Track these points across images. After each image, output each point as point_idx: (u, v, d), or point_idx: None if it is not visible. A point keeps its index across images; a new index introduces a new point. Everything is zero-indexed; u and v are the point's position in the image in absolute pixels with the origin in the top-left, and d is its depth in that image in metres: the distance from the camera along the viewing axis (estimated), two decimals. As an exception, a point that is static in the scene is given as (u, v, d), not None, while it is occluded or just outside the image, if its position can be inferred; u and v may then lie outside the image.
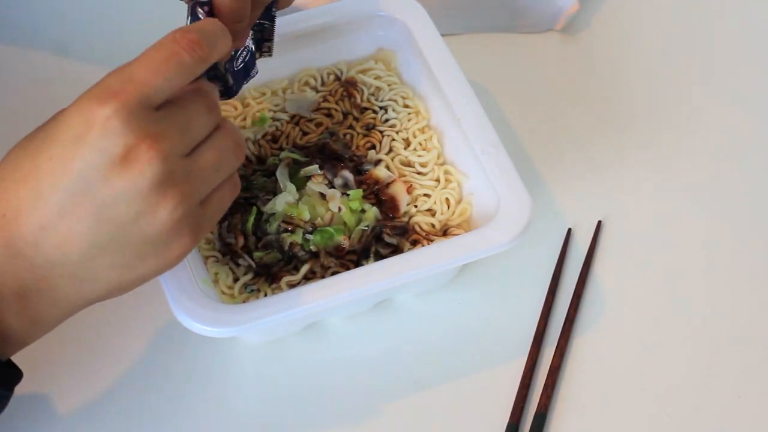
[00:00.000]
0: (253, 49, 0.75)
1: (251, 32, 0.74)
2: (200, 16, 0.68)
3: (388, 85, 0.86)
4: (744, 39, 0.98)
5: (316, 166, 0.81)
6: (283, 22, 0.85)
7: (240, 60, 0.74)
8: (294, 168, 0.81)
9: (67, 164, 0.61)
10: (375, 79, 0.87)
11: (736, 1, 1.00)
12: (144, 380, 0.79)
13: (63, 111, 0.62)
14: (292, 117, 0.85)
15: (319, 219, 0.79)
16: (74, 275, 0.63)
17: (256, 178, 0.81)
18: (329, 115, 0.86)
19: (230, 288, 0.77)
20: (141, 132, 0.60)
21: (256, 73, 0.76)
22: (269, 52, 0.76)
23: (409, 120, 0.85)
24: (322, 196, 0.80)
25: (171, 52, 0.62)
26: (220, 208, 0.66)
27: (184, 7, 0.83)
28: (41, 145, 0.62)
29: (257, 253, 0.78)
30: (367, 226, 0.79)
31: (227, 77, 0.71)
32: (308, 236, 0.79)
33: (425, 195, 0.82)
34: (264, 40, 0.76)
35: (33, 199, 0.61)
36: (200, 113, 0.64)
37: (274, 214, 0.79)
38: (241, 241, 0.78)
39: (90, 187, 0.61)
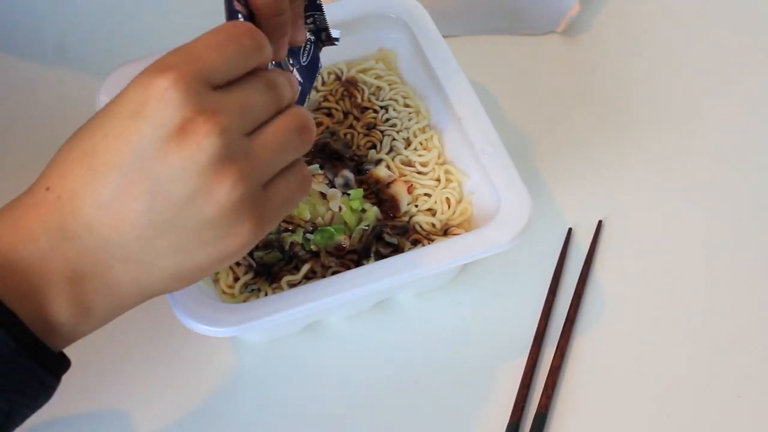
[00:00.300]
0: (314, 39, 0.75)
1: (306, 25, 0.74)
2: (238, 9, 0.68)
3: (389, 85, 0.87)
4: (744, 40, 0.99)
5: (317, 165, 0.81)
6: (283, 22, 0.85)
7: (305, 56, 0.74)
8: (294, 167, 0.81)
9: (123, 140, 0.58)
10: (375, 78, 0.87)
11: (736, 2, 1.01)
12: (144, 379, 0.79)
13: (122, 90, 0.60)
14: (293, 117, 0.85)
15: (319, 218, 0.79)
16: (129, 258, 0.60)
17: (257, 177, 0.81)
18: (330, 115, 0.86)
19: (231, 287, 0.77)
20: (199, 105, 0.58)
21: (321, 65, 0.75)
22: (330, 40, 0.75)
23: (409, 119, 0.85)
24: (323, 195, 0.80)
25: (231, 35, 0.60)
26: (287, 199, 0.63)
27: (184, 8, 0.84)
28: (98, 124, 0.60)
29: (258, 253, 0.78)
30: (368, 225, 0.79)
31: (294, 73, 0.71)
32: (309, 236, 0.79)
33: (426, 194, 0.82)
34: (321, 30, 0.75)
35: (89, 178, 0.59)
36: (260, 93, 0.61)
37: (274, 213, 0.79)
38: (241, 240, 0.78)
39: (146, 162, 0.58)
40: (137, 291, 0.61)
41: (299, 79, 0.72)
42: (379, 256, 0.78)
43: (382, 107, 0.86)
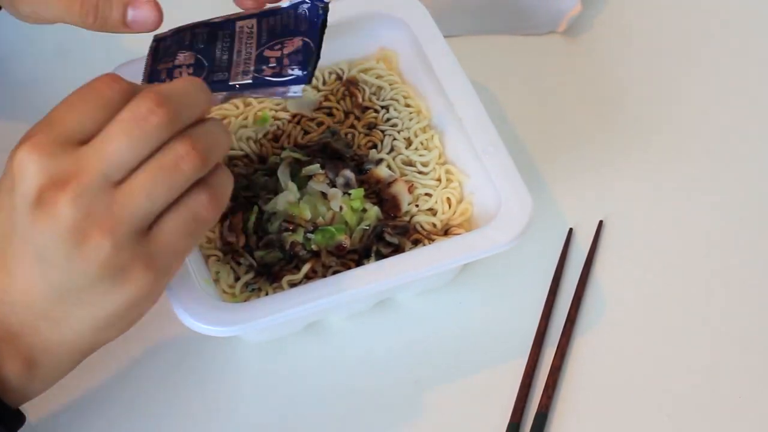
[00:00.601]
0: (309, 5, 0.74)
1: None
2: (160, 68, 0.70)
3: (390, 85, 0.86)
4: (745, 40, 0.99)
5: (318, 165, 0.81)
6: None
7: (304, 25, 0.73)
8: (295, 167, 0.81)
9: (5, 213, 0.62)
10: (376, 78, 0.87)
11: (737, 2, 1.00)
12: (145, 379, 0.79)
13: None
14: (294, 116, 0.85)
15: (320, 218, 0.79)
16: (48, 317, 0.63)
17: (258, 177, 0.81)
18: (330, 114, 0.86)
19: (231, 287, 0.77)
20: (53, 171, 0.60)
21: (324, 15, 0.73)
22: None
23: (410, 119, 0.85)
24: (324, 195, 0.80)
25: (90, 88, 0.62)
26: (180, 235, 0.63)
27: (185, 8, 0.84)
28: None
29: (258, 253, 0.78)
30: (369, 225, 0.79)
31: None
32: (309, 235, 0.78)
33: (426, 194, 0.82)
34: None
35: None
36: (127, 136, 0.61)
37: (275, 213, 0.79)
38: (242, 240, 0.78)
39: (24, 232, 0.61)
40: (69, 347, 0.64)
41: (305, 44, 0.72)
42: (380, 256, 0.78)
43: (383, 107, 0.86)
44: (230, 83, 0.71)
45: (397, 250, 0.79)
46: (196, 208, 0.64)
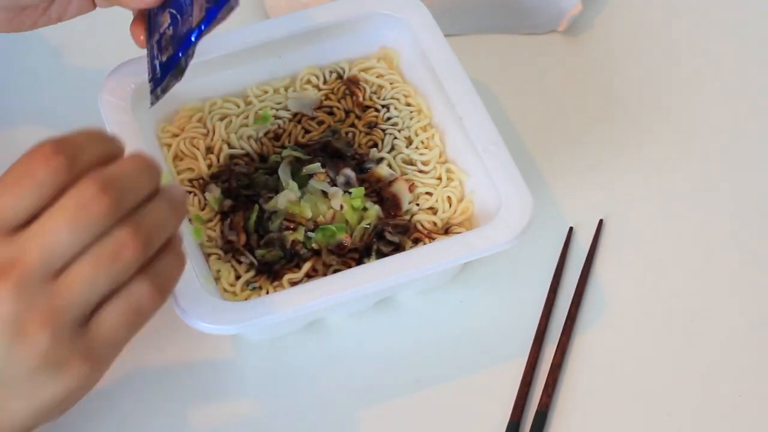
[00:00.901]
0: None
1: None
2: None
3: (390, 84, 0.87)
4: (746, 40, 0.99)
5: (318, 164, 0.81)
6: (285, 21, 0.85)
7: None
8: (296, 166, 0.81)
9: None
10: (377, 77, 0.87)
11: (738, 2, 1.01)
12: (145, 377, 0.79)
13: None
14: (294, 115, 0.85)
15: (321, 217, 0.79)
16: None
17: (259, 175, 0.81)
18: (331, 113, 0.86)
19: (232, 286, 0.77)
20: None
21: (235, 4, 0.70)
22: None
23: (411, 118, 0.85)
24: (324, 194, 0.80)
25: (25, 168, 0.59)
26: (119, 326, 0.60)
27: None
28: None
29: (259, 251, 0.78)
30: (369, 224, 0.79)
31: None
32: (310, 234, 0.79)
33: (427, 193, 0.82)
34: None
35: None
36: (66, 225, 0.58)
37: (276, 211, 0.79)
38: (243, 238, 0.79)
39: None
40: (16, 427, 0.62)
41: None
42: (381, 255, 0.78)
43: (383, 106, 0.86)
44: (193, 27, 0.69)
45: (398, 248, 0.79)
46: (138, 299, 0.61)
